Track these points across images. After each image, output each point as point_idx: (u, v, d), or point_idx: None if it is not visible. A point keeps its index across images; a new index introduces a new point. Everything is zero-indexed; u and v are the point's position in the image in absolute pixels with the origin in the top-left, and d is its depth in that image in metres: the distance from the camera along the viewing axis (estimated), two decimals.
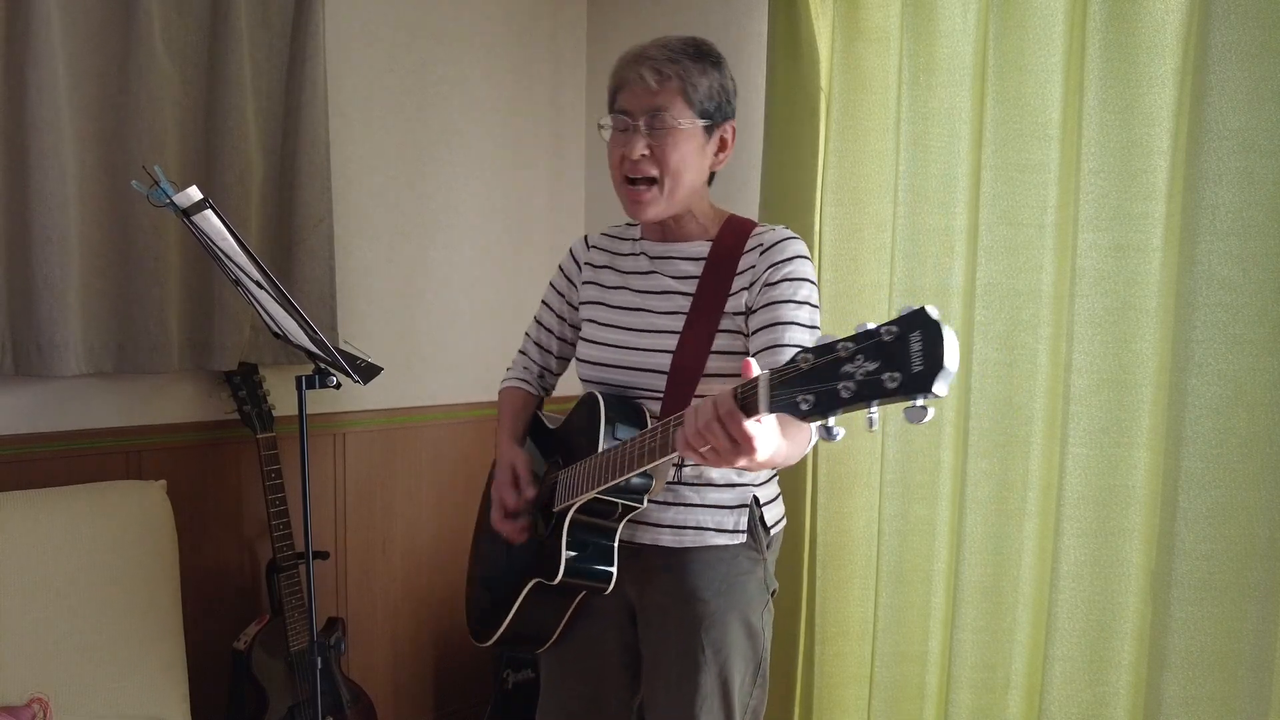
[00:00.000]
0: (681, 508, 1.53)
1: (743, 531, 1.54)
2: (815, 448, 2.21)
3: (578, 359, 1.64)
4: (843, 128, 2.14)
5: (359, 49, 2.50)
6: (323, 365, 1.87)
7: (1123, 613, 1.77)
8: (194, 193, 1.47)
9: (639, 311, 1.57)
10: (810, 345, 0.96)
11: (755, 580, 1.56)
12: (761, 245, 1.50)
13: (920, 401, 0.86)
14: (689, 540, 1.53)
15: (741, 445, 1.07)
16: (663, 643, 1.57)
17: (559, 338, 1.76)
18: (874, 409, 0.90)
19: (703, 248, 1.55)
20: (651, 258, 1.59)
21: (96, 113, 2.05)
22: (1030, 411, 1.90)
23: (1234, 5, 1.52)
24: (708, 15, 2.58)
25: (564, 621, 1.60)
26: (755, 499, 1.56)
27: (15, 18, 1.91)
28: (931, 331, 0.85)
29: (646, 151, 1.48)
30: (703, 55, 1.50)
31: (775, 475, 1.63)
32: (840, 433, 0.94)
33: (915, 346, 0.86)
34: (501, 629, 1.62)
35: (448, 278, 2.72)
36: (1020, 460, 1.91)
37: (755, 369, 1.06)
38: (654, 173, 1.48)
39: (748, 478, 1.55)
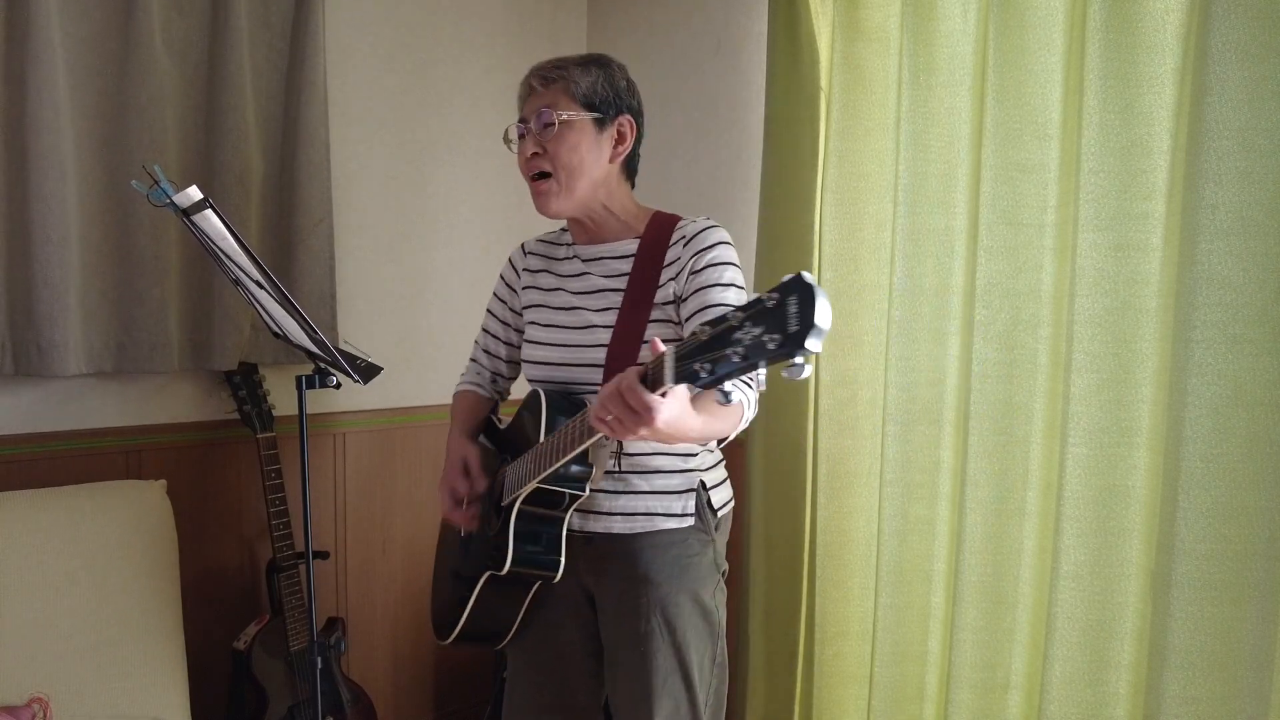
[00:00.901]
0: (631, 495, 1.58)
1: (691, 515, 1.60)
2: (816, 449, 2.22)
3: (524, 361, 1.70)
4: (843, 128, 2.14)
5: (359, 49, 2.50)
6: (323, 365, 1.87)
7: (1123, 613, 1.77)
8: (194, 192, 1.46)
9: (575, 310, 1.62)
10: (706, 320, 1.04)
11: (705, 561, 1.61)
12: (684, 237, 1.56)
13: (797, 360, 0.93)
14: (640, 526, 1.58)
15: (641, 415, 1.12)
16: (619, 627, 1.61)
17: (505, 343, 1.82)
18: (761, 370, 0.97)
19: (631, 245, 1.61)
20: (584, 260, 1.65)
21: (96, 113, 2.05)
22: (1030, 411, 1.90)
23: (1234, 5, 1.52)
24: (708, 15, 2.58)
25: (520, 614, 1.64)
26: (702, 483, 1.62)
27: (15, 18, 1.91)
28: (805, 294, 0.92)
29: (539, 150, 1.55)
30: (590, 61, 1.58)
31: (722, 460, 1.69)
32: (737, 396, 1.03)
33: (792, 309, 0.93)
34: (460, 624, 1.65)
35: (448, 278, 2.72)
36: (1020, 460, 1.91)
37: (661, 346, 1.12)
38: (548, 168, 1.55)
39: (693, 463, 1.60)
